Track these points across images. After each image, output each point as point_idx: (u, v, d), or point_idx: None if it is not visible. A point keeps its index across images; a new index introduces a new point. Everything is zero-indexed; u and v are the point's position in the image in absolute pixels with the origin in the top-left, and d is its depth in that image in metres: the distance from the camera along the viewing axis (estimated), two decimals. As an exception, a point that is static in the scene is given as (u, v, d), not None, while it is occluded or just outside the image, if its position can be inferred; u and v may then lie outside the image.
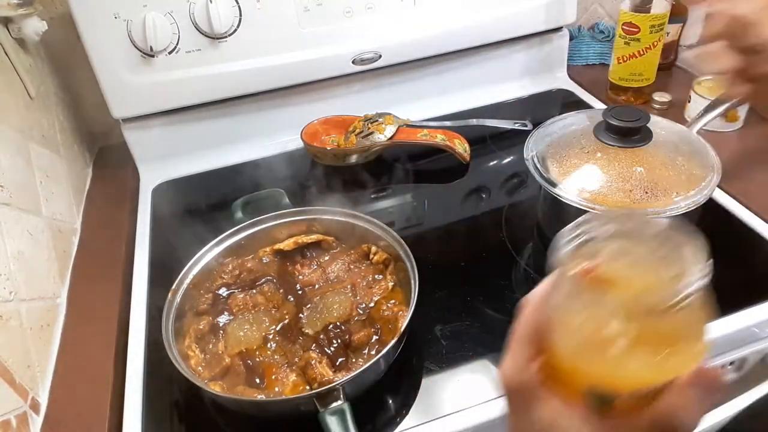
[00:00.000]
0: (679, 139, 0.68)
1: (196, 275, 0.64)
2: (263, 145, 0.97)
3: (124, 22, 0.80)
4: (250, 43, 0.86)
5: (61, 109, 0.88)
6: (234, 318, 0.62)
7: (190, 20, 0.82)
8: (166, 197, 0.90)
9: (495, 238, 0.75)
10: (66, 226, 0.76)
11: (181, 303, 0.61)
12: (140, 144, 0.92)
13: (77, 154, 0.91)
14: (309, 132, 0.92)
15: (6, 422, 0.49)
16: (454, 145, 0.87)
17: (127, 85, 0.84)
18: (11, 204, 0.62)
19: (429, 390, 0.57)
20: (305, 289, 0.65)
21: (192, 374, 0.53)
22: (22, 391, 0.54)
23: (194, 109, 0.91)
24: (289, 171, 0.90)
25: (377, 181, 0.87)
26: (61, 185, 0.79)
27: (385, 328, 0.59)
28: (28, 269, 0.61)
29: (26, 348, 0.57)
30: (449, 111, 1.01)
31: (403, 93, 1.00)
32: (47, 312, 0.64)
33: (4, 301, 0.54)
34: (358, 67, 0.93)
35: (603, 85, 1.02)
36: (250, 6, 0.84)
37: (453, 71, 1.02)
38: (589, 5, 1.16)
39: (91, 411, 0.57)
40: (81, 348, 0.64)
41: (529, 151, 0.69)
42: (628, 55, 0.94)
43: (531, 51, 1.06)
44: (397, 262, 0.64)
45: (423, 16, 0.93)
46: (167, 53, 0.84)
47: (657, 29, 0.90)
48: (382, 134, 0.88)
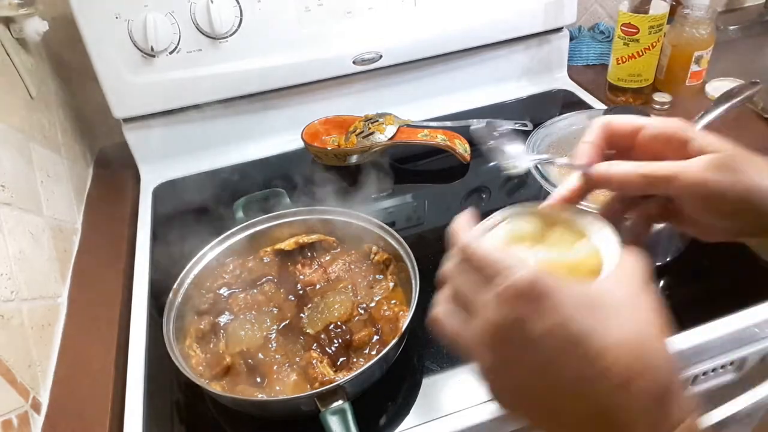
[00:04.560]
0: (679, 140, 0.68)
1: (197, 275, 0.64)
2: (264, 145, 0.97)
3: (125, 22, 0.80)
4: (250, 43, 0.86)
5: (62, 109, 0.88)
6: (235, 318, 0.62)
7: (190, 20, 0.82)
8: (167, 197, 0.90)
9: (495, 238, 0.75)
10: (67, 226, 0.77)
11: (182, 303, 0.61)
12: (141, 144, 0.92)
13: (78, 154, 0.91)
14: (309, 132, 0.92)
15: (7, 422, 0.49)
16: (454, 146, 0.87)
17: (128, 85, 0.84)
18: (12, 204, 0.62)
19: (429, 390, 0.57)
20: (306, 289, 0.65)
21: (193, 374, 0.53)
22: (23, 390, 0.54)
23: (195, 109, 0.91)
24: (290, 171, 0.90)
25: (378, 181, 0.87)
26: (62, 185, 0.79)
27: (386, 327, 0.59)
28: (29, 269, 0.61)
29: (27, 347, 0.57)
30: (450, 111, 1.01)
31: (404, 93, 1.01)
32: (48, 311, 0.64)
33: (6, 301, 0.55)
34: (358, 67, 0.94)
35: (603, 85, 1.02)
36: (251, 6, 0.84)
37: (453, 71, 1.02)
38: (589, 6, 1.16)
39: (92, 410, 0.57)
40: (82, 347, 0.64)
41: (530, 151, 0.69)
42: (627, 56, 0.94)
43: (531, 51, 1.06)
44: (398, 262, 0.64)
45: (423, 16, 0.93)
46: (168, 53, 0.84)
47: (656, 30, 0.90)
48: (383, 134, 0.88)
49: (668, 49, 0.96)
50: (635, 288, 0.30)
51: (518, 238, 0.37)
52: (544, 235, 0.37)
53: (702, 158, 0.35)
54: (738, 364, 0.65)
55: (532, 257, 0.35)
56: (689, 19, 0.94)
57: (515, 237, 0.37)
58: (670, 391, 0.29)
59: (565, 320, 0.28)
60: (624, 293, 0.30)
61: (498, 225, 0.37)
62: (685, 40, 0.95)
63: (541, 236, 0.37)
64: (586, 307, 0.28)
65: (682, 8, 0.95)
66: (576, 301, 0.28)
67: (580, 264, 0.34)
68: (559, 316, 0.28)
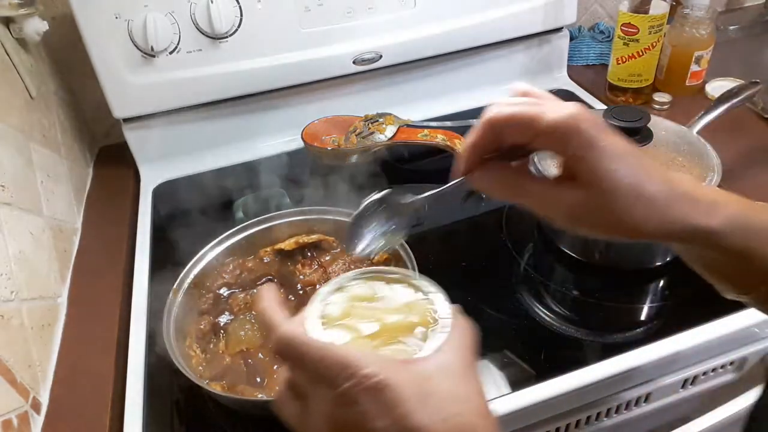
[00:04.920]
0: (680, 139, 0.68)
1: (197, 275, 0.64)
2: (264, 145, 0.97)
3: (125, 22, 0.80)
4: (250, 43, 0.86)
5: (62, 109, 0.88)
6: (235, 318, 0.62)
7: (191, 20, 0.82)
8: (167, 197, 0.90)
9: (495, 238, 0.75)
10: (67, 226, 0.77)
11: (182, 303, 0.61)
12: (141, 144, 0.92)
13: (78, 154, 0.91)
14: (309, 132, 0.92)
15: (7, 422, 0.49)
16: (454, 145, 0.87)
17: (128, 85, 0.84)
18: (12, 204, 0.62)
19: (429, 390, 0.57)
20: (306, 289, 0.65)
21: (193, 374, 0.53)
22: (23, 390, 0.54)
23: (195, 109, 0.91)
24: (290, 171, 0.90)
25: (378, 181, 0.87)
26: (62, 185, 0.79)
27: (386, 327, 0.59)
28: (29, 269, 0.61)
29: (27, 348, 0.57)
30: (450, 111, 1.01)
31: (404, 93, 1.01)
32: (48, 312, 0.64)
33: (6, 301, 0.55)
34: (358, 67, 0.94)
35: (603, 85, 1.02)
36: (251, 6, 0.84)
37: (453, 71, 1.02)
38: (589, 5, 1.16)
39: (92, 410, 0.57)
40: (82, 347, 0.64)
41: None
42: (627, 56, 0.94)
43: (531, 51, 1.06)
44: (398, 262, 0.64)
45: (423, 16, 0.93)
46: (168, 53, 0.84)
47: (656, 30, 0.90)
48: (383, 134, 0.88)
49: (668, 49, 0.96)
50: (464, 366, 0.33)
51: (358, 298, 0.37)
52: (379, 296, 0.38)
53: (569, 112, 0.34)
54: (738, 364, 0.65)
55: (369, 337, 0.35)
56: (689, 19, 0.94)
57: (356, 297, 0.38)
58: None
59: (402, 415, 0.29)
60: (454, 375, 0.32)
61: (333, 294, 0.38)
62: (685, 40, 0.95)
63: (376, 297, 0.38)
64: (420, 399, 0.30)
65: (682, 8, 0.95)
66: (411, 392, 0.30)
67: (414, 325, 0.35)
68: (397, 412, 0.29)
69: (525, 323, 0.63)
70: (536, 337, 0.62)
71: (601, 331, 0.63)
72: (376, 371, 0.30)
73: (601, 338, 0.62)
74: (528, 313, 0.64)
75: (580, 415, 0.60)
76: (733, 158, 0.80)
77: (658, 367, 0.59)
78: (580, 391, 0.56)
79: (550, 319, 0.64)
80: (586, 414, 0.60)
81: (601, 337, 0.62)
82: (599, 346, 0.61)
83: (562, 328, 0.63)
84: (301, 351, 0.31)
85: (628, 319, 0.65)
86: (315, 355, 0.31)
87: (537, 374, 0.57)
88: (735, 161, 0.80)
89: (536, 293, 0.67)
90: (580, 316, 0.65)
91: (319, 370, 0.31)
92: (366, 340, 0.34)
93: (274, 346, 0.33)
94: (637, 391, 0.61)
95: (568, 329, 0.63)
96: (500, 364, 0.58)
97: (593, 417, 0.61)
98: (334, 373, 0.30)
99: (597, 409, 0.60)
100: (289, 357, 0.32)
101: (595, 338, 0.62)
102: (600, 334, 0.62)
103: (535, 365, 0.59)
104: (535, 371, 0.58)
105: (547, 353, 0.60)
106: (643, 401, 0.62)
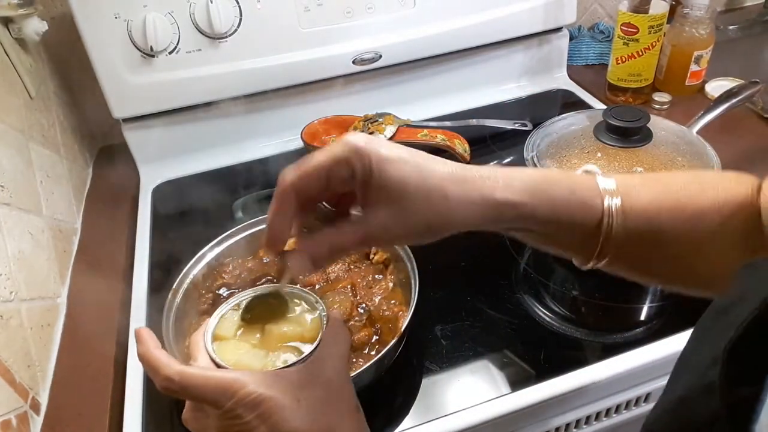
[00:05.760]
0: (679, 139, 0.68)
1: (196, 275, 0.64)
2: (263, 145, 0.97)
3: (125, 22, 0.80)
4: (250, 43, 0.86)
5: (61, 109, 0.88)
6: (234, 318, 0.62)
7: (190, 20, 0.82)
8: (167, 197, 0.90)
9: (495, 238, 0.75)
10: (66, 226, 0.77)
11: (181, 303, 0.61)
12: (140, 144, 0.92)
13: (77, 154, 0.91)
14: (309, 132, 0.92)
15: (6, 422, 0.49)
16: (454, 146, 0.87)
17: (127, 85, 0.84)
18: (12, 204, 0.62)
19: (429, 390, 0.57)
20: (306, 289, 0.65)
21: (192, 374, 0.53)
22: (22, 390, 0.54)
23: (194, 109, 0.91)
24: (290, 171, 0.90)
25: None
26: (62, 185, 0.79)
27: (386, 328, 0.59)
28: (29, 269, 0.61)
29: (27, 348, 0.57)
30: (449, 111, 1.01)
31: (403, 93, 1.01)
32: (48, 312, 0.64)
33: (5, 301, 0.54)
34: (358, 67, 0.94)
35: (603, 85, 1.02)
36: (251, 6, 0.84)
37: (453, 71, 1.02)
38: (589, 5, 1.16)
39: (91, 411, 0.57)
40: (81, 348, 0.64)
41: (529, 152, 0.69)
42: (626, 56, 0.94)
43: (531, 51, 1.06)
44: (398, 262, 0.64)
45: (423, 16, 0.93)
46: (167, 53, 0.84)
47: (656, 30, 0.90)
48: (383, 134, 0.88)
49: (668, 49, 0.96)
50: (335, 372, 0.39)
51: (251, 313, 0.44)
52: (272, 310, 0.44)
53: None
54: (738, 364, 0.65)
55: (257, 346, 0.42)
56: (689, 18, 0.94)
57: (250, 312, 0.44)
58: None
59: (277, 422, 0.35)
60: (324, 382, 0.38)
61: (230, 311, 0.44)
62: (685, 40, 0.95)
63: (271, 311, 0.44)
64: (293, 406, 0.36)
65: (681, 8, 0.95)
66: (285, 402, 0.36)
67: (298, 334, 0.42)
68: (273, 419, 0.35)
69: (525, 323, 0.63)
70: (536, 337, 0.62)
71: (601, 331, 0.63)
72: (254, 388, 0.35)
73: (601, 338, 0.62)
74: (528, 313, 0.64)
75: (580, 415, 0.60)
76: (733, 158, 0.80)
77: (658, 367, 0.59)
78: (580, 391, 0.56)
79: (549, 319, 0.64)
80: (586, 414, 0.60)
81: (601, 337, 0.62)
82: (599, 346, 0.61)
83: (561, 328, 0.63)
84: (184, 385, 0.36)
85: (628, 319, 0.65)
86: (197, 385, 0.36)
87: (537, 374, 0.57)
88: (734, 161, 0.80)
89: (536, 293, 0.67)
90: (580, 316, 0.65)
91: (204, 397, 0.36)
92: (255, 350, 0.41)
93: (160, 388, 0.37)
94: (637, 391, 0.61)
95: (567, 329, 0.63)
96: (500, 364, 0.58)
97: (593, 417, 0.61)
98: (217, 397, 0.35)
99: (597, 409, 0.60)
100: (177, 393, 0.37)
101: (595, 338, 0.62)
102: (600, 334, 0.62)
103: (535, 365, 0.58)
104: (535, 371, 0.58)
105: (546, 353, 0.60)
106: (643, 401, 0.62)
